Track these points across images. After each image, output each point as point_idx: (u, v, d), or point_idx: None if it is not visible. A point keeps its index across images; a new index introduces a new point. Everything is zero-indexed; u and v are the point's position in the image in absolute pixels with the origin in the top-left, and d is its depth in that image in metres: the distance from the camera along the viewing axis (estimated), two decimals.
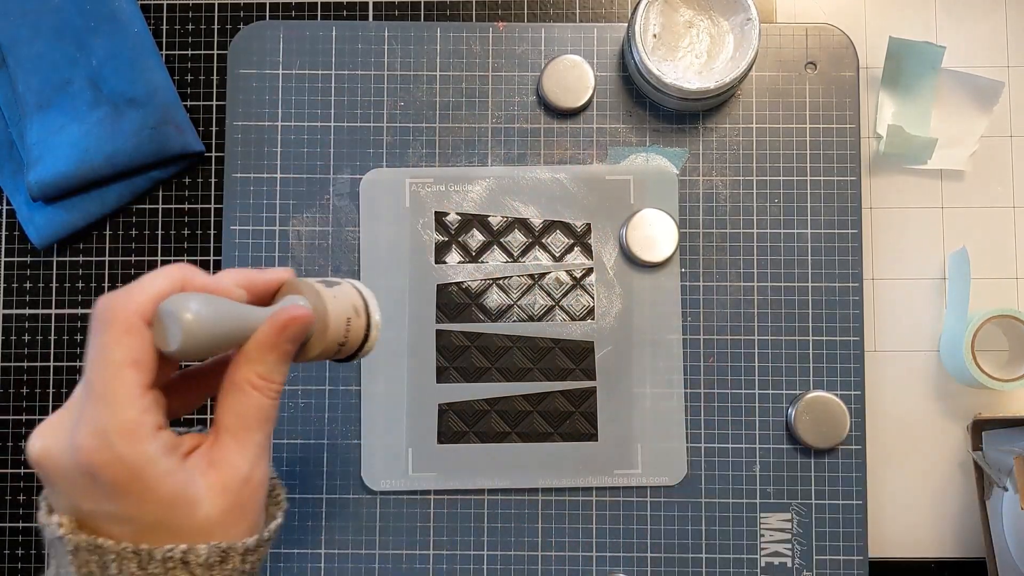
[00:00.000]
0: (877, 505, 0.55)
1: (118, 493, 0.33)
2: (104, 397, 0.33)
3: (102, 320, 0.34)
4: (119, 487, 0.33)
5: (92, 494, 0.34)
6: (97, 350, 0.34)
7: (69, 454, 0.33)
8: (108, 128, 0.54)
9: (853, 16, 0.57)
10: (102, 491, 0.33)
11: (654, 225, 0.53)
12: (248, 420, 0.36)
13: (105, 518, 0.34)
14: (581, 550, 0.53)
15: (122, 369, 0.34)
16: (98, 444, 0.33)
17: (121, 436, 0.33)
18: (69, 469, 0.33)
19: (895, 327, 0.56)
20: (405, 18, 0.57)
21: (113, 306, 0.34)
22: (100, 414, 0.33)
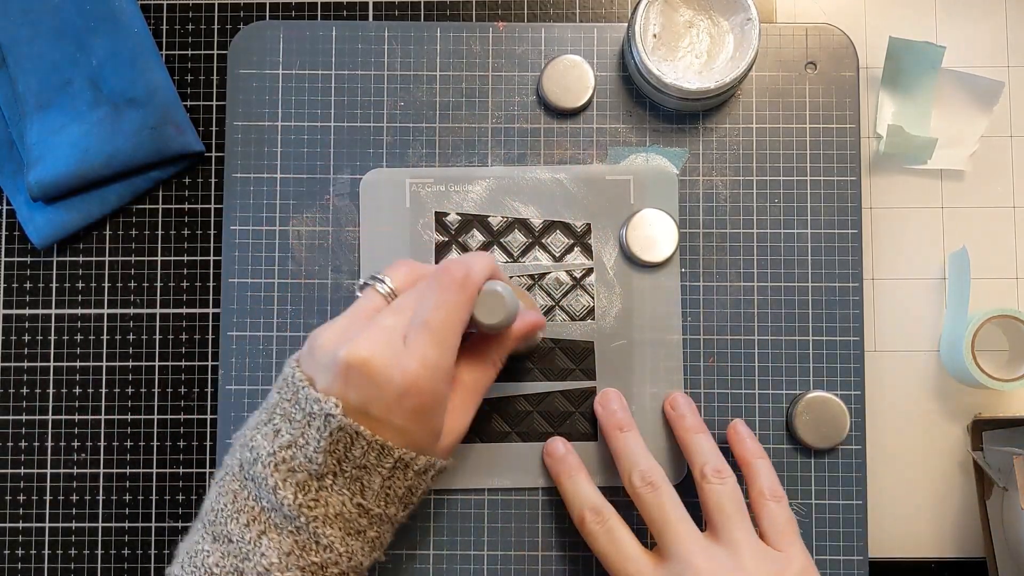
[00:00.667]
0: (877, 505, 0.55)
1: (414, 414, 0.42)
2: (442, 343, 0.42)
3: (460, 283, 0.43)
4: (419, 410, 0.42)
5: (392, 406, 0.41)
6: (446, 303, 0.43)
7: (397, 373, 0.41)
8: (108, 128, 0.54)
9: (853, 16, 0.57)
10: (404, 408, 0.41)
11: (654, 225, 0.53)
12: (482, 387, 0.47)
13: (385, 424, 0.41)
14: (581, 550, 0.53)
15: (460, 326, 0.43)
16: (428, 376, 0.42)
17: (444, 376, 0.42)
18: (389, 382, 0.41)
19: (895, 327, 0.56)
20: (405, 18, 0.57)
21: (468, 276, 0.43)
22: (435, 354, 0.42)
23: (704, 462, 0.48)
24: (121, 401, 0.55)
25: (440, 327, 0.42)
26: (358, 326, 0.43)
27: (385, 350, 0.41)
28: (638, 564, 0.47)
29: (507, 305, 0.45)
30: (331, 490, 0.42)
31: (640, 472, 0.48)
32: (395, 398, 0.41)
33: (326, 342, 0.43)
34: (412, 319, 0.43)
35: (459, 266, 0.44)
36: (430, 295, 0.43)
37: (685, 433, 0.50)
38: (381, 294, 0.45)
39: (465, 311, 0.43)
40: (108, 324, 0.56)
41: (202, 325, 0.56)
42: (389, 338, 0.42)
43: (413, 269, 0.46)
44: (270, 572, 0.41)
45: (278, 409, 0.43)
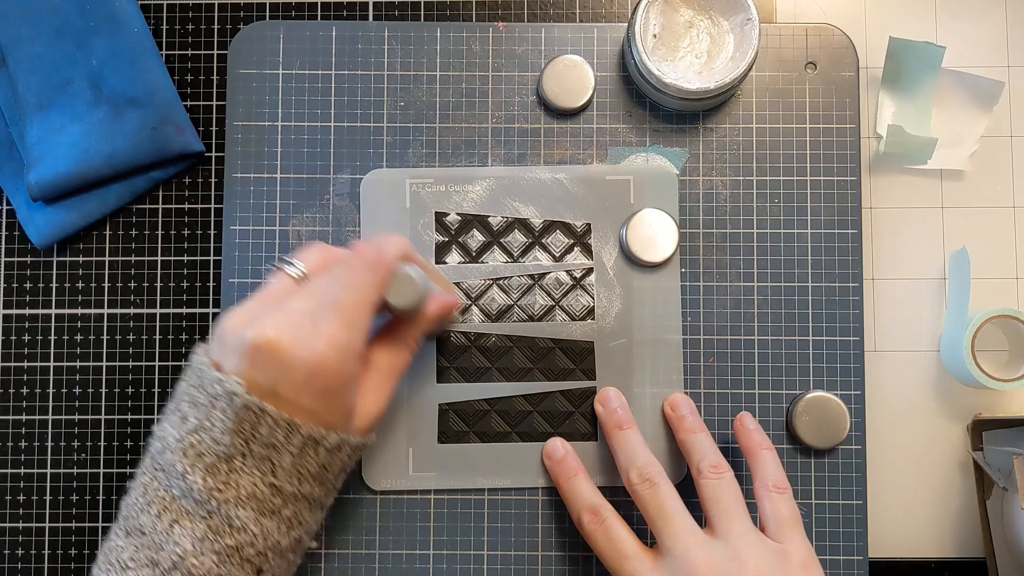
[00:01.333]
0: (877, 505, 0.55)
1: (322, 394, 0.42)
2: (352, 324, 0.42)
3: (368, 263, 0.43)
4: (327, 391, 0.42)
5: (300, 387, 0.41)
6: (356, 285, 0.43)
7: (304, 353, 0.41)
8: (108, 128, 0.54)
9: (853, 16, 0.57)
10: (311, 389, 0.41)
11: (654, 225, 0.53)
12: (396, 370, 0.47)
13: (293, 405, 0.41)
14: (581, 550, 0.53)
15: (369, 307, 0.43)
16: (335, 356, 0.41)
17: (352, 358, 0.42)
18: (296, 363, 0.41)
19: (895, 327, 0.56)
20: (405, 18, 0.57)
21: (378, 255, 0.44)
22: (343, 335, 0.42)
23: (701, 458, 0.48)
24: (121, 401, 0.55)
25: (349, 308, 0.42)
26: (267, 308, 0.43)
27: (293, 331, 0.41)
28: (636, 562, 0.47)
29: (418, 288, 0.45)
30: (241, 472, 0.41)
31: (638, 469, 0.48)
32: (303, 379, 0.41)
33: (234, 325, 0.42)
34: (322, 300, 0.42)
35: (370, 248, 0.44)
36: (340, 276, 0.43)
37: (685, 433, 0.51)
38: (292, 277, 0.45)
39: (375, 293, 0.44)
40: (108, 324, 0.56)
41: (202, 325, 0.56)
42: (298, 320, 0.42)
43: (325, 252, 0.46)
44: (184, 559, 0.41)
45: (184, 396, 0.43)
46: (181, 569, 0.41)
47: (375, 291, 0.44)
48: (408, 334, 0.47)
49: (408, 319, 0.47)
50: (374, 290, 0.44)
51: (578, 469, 0.51)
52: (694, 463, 0.49)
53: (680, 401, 0.52)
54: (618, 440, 0.51)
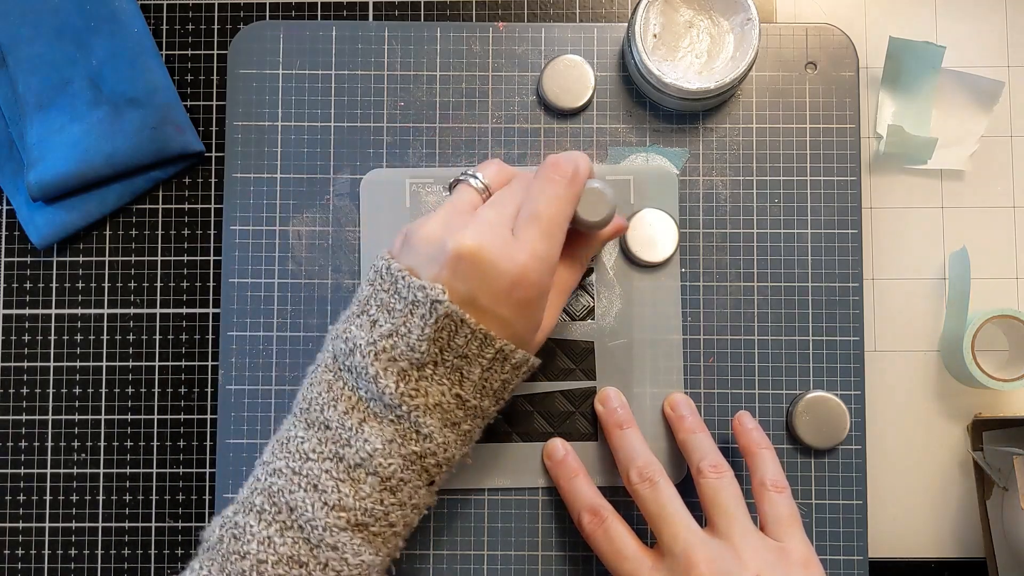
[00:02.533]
0: (877, 505, 0.55)
1: (520, 305, 0.42)
2: (551, 236, 0.43)
3: (570, 177, 0.44)
4: (525, 302, 0.42)
5: (500, 297, 0.41)
6: (559, 198, 0.43)
7: (508, 263, 0.41)
8: (108, 128, 0.54)
9: (853, 16, 0.57)
10: (511, 299, 0.42)
11: (654, 225, 0.53)
12: (569, 286, 0.48)
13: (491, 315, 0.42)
14: (581, 550, 0.53)
15: (566, 221, 0.44)
16: (537, 268, 0.42)
17: (551, 269, 0.43)
18: (499, 273, 0.41)
19: (895, 327, 0.56)
20: (405, 18, 0.57)
21: (578, 169, 0.44)
22: (544, 246, 0.42)
23: (701, 458, 0.49)
24: (121, 401, 0.55)
25: (550, 220, 0.43)
26: (461, 219, 0.43)
27: (495, 240, 0.41)
28: (636, 562, 0.47)
29: (609, 203, 0.45)
30: (431, 379, 0.42)
31: (638, 468, 0.48)
32: (504, 289, 0.41)
33: (429, 233, 0.42)
34: (521, 212, 0.43)
35: (568, 162, 0.44)
36: (538, 188, 0.43)
37: (685, 433, 0.51)
38: (475, 189, 0.45)
39: (571, 206, 0.44)
40: (108, 324, 0.56)
41: (202, 325, 0.56)
42: (497, 230, 0.42)
43: (503, 167, 0.47)
44: (373, 458, 0.41)
45: (373, 300, 0.43)
46: (367, 467, 0.41)
47: (572, 205, 0.44)
48: (583, 252, 0.48)
49: (585, 237, 0.47)
50: (571, 204, 0.44)
51: (578, 470, 0.51)
52: (694, 463, 0.49)
53: (680, 401, 0.52)
54: (618, 439, 0.51)
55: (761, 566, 0.45)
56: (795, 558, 0.45)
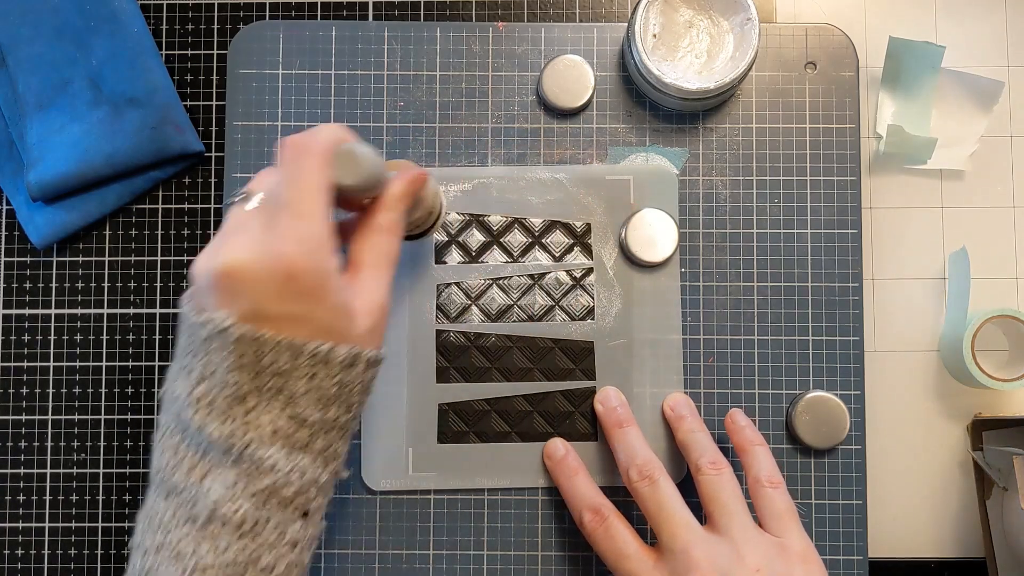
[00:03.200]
0: (877, 505, 0.55)
1: (305, 296, 0.39)
2: (305, 214, 0.39)
3: (298, 151, 0.40)
4: (308, 290, 0.39)
5: (281, 296, 0.39)
6: (295, 175, 0.40)
7: (269, 261, 0.38)
8: (108, 128, 0.54)
9: (853, 16, 0.57)
10: (292, 293, 0.39)
11: (654, 225, 0.53)
12: (384, 257, 0.43)
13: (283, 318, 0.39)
14: (581, 550, 0.53)
15: (320, 192, 0.40)
16: (301, 251, 0.38)
17: (319, 247, 0.39)
18: (265, 274, 0.38)
19: (895, 327, 0.56)
20: (405, 18, 0.57)
21: (307, 142, 0.40)
22: (301, 227, 0.39)
23: (700, 455, 0.49)
24: (121, 401, 0.55)
25: (299, 200, 0.39)
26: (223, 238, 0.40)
27: (250, 246, 0.39)
28: (637, 561, 0.47)
29: (364, 161, 0.41)
30: (257, 409, 0.39)
31: (638, 466, 0.48)
32: (281, 285, 0.38)
33: (200, 266, 0.40)
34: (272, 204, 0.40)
35: (299, 137, 0.41)
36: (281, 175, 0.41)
37: (684, 433, 0.51)
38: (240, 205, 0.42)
39: (318, 175, 0.40)
40: (108, 324, 0.56)
41: None
42: (252, 235, 0.39)
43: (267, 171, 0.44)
44: (219, 507, 0.39)
45: (181, 350, 0.41)
46: (217, 519, 0.39)
47: (317, 174, 0.40)
48: (382, 217, 0.43)
49: (377, 203, 0.44)
50: (316, 174, 0.40)
51: (579, 469, 0.51)
52: (693, 460, 0.49)
53: (680, 401, 0.52)
54: (618, 438, 0.51)
55: (760, 562, 0.45)
56: (794, 553, 0.46)
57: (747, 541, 0.45)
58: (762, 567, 0.44)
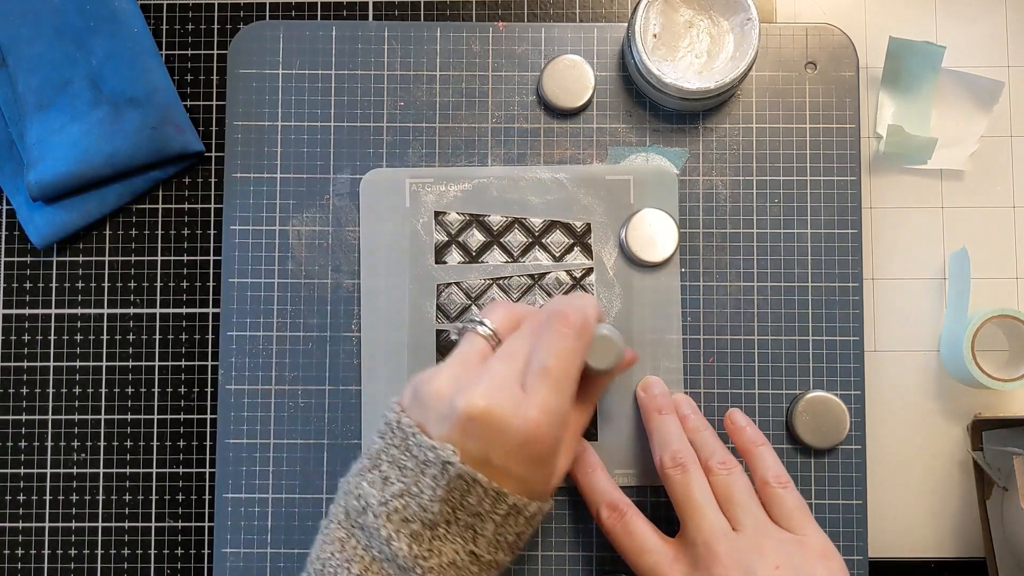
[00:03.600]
0: (877, 505, 0.55)
1: (533, 461, 0.42)
2: (562, 390, 0.42)
3: (576, 329, 0.44)
4: (538, 458, 0.42)
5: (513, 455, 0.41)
6: (568, 351, 0.43)
7: (519, 423, 0.41)
8: (108, 128, 0.54)
9: (853, 16, 0.57)
10: (524, 456, 0.41)
11: (654, 225, 0.53)
12: (582, 427, 0.48)
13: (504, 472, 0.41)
14: (581, 550, 0.53)
15: (577, 373, 0.44)
16: (547, 422, 0.41)
17: (563, 423, 0.43)
18: (511, 433, 0.41)
19: (895, 327, 0.56)
20: (405, 18, 0.57)
21: (584, 321, 0.44)
22: (556, 401, 0.42)
23: (710, 456, 0.49)
24: (121, 401, 0.55)
25: (560, 375, 0.42)
26: (469, 374, 0.42)
27: (504, 398, 0.41)
28: (658, 555, 0.47)
29: (618, 350, 0.45)
30: (444, 539, 0.41)
31: (671, 453, 0.49)
32: (517, 447, 0.41)
33: (438, 390, 0.42)
34: (531, 365, 0.43)
35: (576, 313, 0.44)
36: (548, 341, 0.43)
37: (690, 433, 0.51)
38: (483, 336, 0.45)
39: (582, 358, 0.44)
40: (108, 324, 0.56)
41: (202, 325, 0.56)
42: (506, 386, 0.41)
43: (511, 311, 0.46)
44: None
45: (384, 455, 0.42)
46: None
47: (582, 357, 0.44)
48: (594, 392, 0.48)
49: (594, 378, 0.47)
50: (581, 356, 0.44)
51: (596, 465, 0.51)
52: (702, 460, 0.49)
53: (682, 401, 0.52)
54: (655, 423, 0.51)
55: (780, 558, 0.45)
56: (814, 550, 0.46)
57: (767, 538, 0.46)
58: (782, 563, 0.45)
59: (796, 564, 0.45)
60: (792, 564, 0.45)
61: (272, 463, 0.53)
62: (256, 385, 0.54)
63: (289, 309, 0.54)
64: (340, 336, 0.54)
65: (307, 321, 0.54)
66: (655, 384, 0.53)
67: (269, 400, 0.54)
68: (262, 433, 0.54)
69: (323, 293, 0.54)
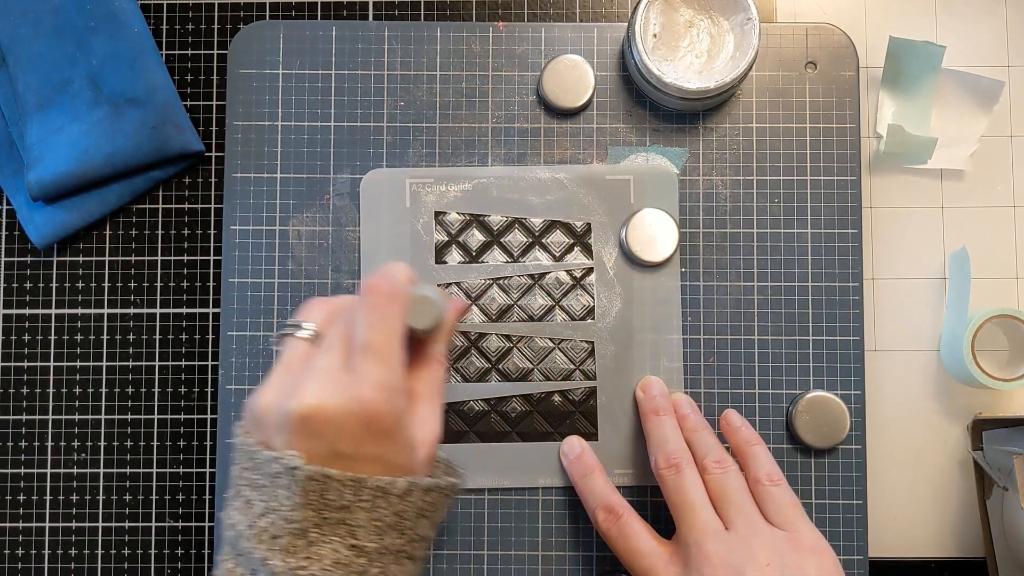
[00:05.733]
0: (877, 505, 0.55)
1: (381, 437, 0.40)
2: (387, 360, 0.41)
3: (385, 295, 0.42)
4: (385, 432, 0.41)
5: (359, 439, 0.40)
6: (383, 320, 0.42)
7: (353, 406, 0.40)
8: (108, 128, 0.54)
9: (853, 16, 0.57)
10: (370, 436, 0.40)
11: (654, 225, 0.53)
12: (436, 388, 0.45)
13: (357, 458, 0.40)
14: (581, 550, 0.53)
15: (400, 339, 0.42)
16: (384, 397, 0.40)
17: (398, 392, 0.41)
18: (347, 418, 0.40)
19: (895, 327, 0.56)
20: (405, 18, 0.57)
21: (392, 286, 0.43)
22: (384, 373, 0.41)
23: (705, 454, 0.49)
24: (121, 401, 0.55)
25: (383, 345, 0.41)
26: (294, 377, 0.42)
27: (333, 388, 0.40)
28: (653, 557, 0.47)
29: (437, 306, 0.44)
30: (320, 543, 0.40)
31: (666, 454, 0.49)
32: (360, 430, 0.40)
33: (267, 403, 0.41)
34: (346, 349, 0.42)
35: (383, 279, 0.43)
36: (362, 317, 0.42)
37: (688, 433, 0.51)
38: (304, 339, 0.44)
39: (401, 322, 0.43)
40: (108, 324, 0.56)
41: (202, 325, 0.56)
42: (331, 376, 0.41)
43: (326, 305, 0.45)
44: None
45: (240, 480, 0.42)
46: None
47: (400, 321, 0.43)
48: (435, 350, 0.46)
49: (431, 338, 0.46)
50: (399, 321, 0.43)
51: (594, 467, 0.51)
52: (698, 459, 0.49)
53: (681, 401, 0.52)
54: (653, 424, 0.51)
55: (771, 556, 0.45)
56: (805, 546, 0.46)
57: (756, 536, 0.46)
58: (772, 561, 0.45)
59: (786, 561, 0.45)
60: (782, 561, 0.45)
61: None
62: (256, 385, 0.54)
63: (289, 309, 0.54)
64: None
65: None
66: (654, 385, 0.53)
67: None
68: None
69: (323, 293, 0.54)
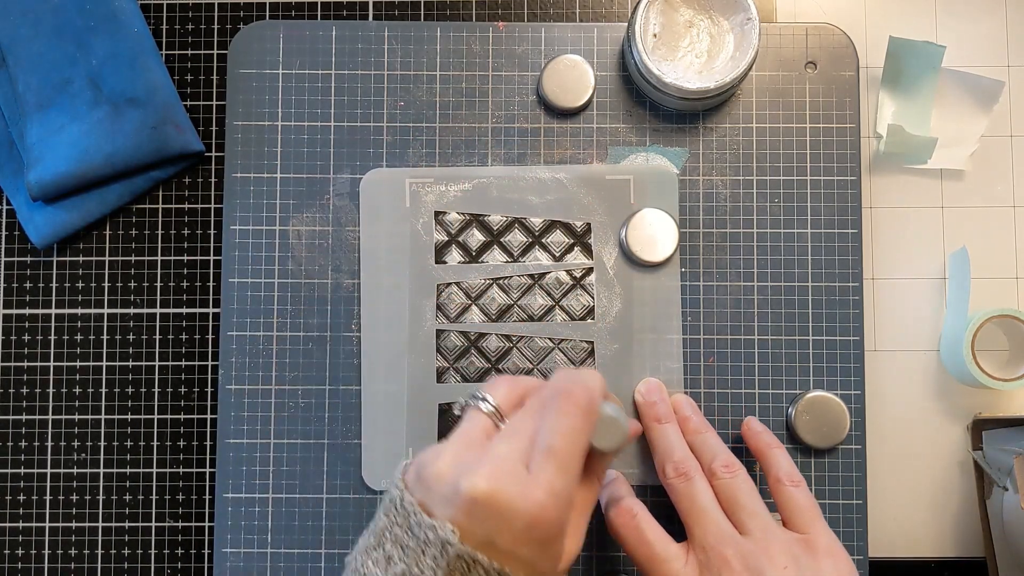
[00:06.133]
0: (877, 505, 0.55)
1: (538, 543, 0.40)
2: (567, 470, 0.41)
3: (583, 406, 0.42)
4: (544, 540, 0.40)
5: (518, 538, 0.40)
6: (574, 431, 0.41)
7: (524, 505, 0.39)
8: (108, 128, 0.54)
9: (853, 16, 0.57)
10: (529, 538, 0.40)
11: (654, 225, 0.53)
12: (590, 505, 0.45)
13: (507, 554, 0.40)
14: (581, 550, 0.53)
15: (583, 453, 0.42)
16: (553, 504, 0.40)
17: (568, 505, 0.41)
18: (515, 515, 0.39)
19: (895, 327, 0.56)
20: (405, 18, 0.57)
21: (590, 401, 0.42)
22: (560, 482, 0.40)
23: (712, 459, 0.49)
24: (121, 401, 0.55)
25: (566, 454, 0.41)
26: (472, 454, 0.41)
27: (509, 481, 0.40)
28: (668, 560, 0.47)
29: (623, 430, 0.44)
30: None
31: (674, 463, 0.49)
32: (523, 530, 0.40)
33: (440, 472, 0.41)
34: (536, 445, 0.41)
35: (583, 392, 0.43)
36: (553, 421, 0.42)
37: (691, 435, 0.51)
38: (486, 413, 0.44)
39: (587, 437, 0.43)
40: (108, 324, 0.56)
41: (202, 325, 0.56)
42: (511, 467, 0.40)
43: (515, 385, 0.45)
44: None
45: (388, 534, 0.41)
46: None
47: (587, 437, 0.43)
48: (599, 468, 0.46)
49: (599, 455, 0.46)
50: (586, 435, 0.42)
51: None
52: (704, 463, 0.49)
53: (683, 402, 0.52)
54: (657, 433, 0.51)
55: (788, 559, 0.45)
56: (820, 548, 0.46)
57: (773, 539, 0.46)
58: (789, 564, 0.45)
59: (803, 564, 0.45)
60: (799, 564, 0.45)
61: (272, 463, 0.53)
62: (256, 385, 0.54)
63: (289, 309, 0.54)
64: (340, 336, 0.54)
65: (307, 321, 0.54)
66: (653, 390, 0.53)
67: (269, 400, 0.54)
68: (262, 433, 0.54)
69: (323, 293, 0.54)
